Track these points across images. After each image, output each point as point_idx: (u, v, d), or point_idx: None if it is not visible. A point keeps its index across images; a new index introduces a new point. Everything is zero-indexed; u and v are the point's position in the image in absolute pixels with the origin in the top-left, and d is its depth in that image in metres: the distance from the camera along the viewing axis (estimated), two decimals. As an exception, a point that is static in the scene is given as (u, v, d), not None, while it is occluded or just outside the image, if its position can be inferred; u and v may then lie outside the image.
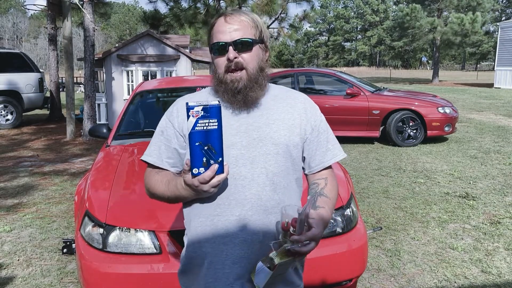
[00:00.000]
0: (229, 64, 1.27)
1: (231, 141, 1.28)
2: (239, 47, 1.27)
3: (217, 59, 1.30)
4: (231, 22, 1.29)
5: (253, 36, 1.30)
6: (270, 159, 1.29)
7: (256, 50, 1.31)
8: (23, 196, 5.05)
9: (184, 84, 4.19)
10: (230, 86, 1.28)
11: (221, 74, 1.30)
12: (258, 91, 1.31)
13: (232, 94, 1.29)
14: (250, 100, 1.30)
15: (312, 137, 1.37)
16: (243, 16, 1.31)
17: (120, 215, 2.26)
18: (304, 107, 1.38)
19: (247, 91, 1.29)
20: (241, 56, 1.28)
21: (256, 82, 1.30)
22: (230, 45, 1.27)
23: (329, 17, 77.71)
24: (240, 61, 1.28)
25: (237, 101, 1.29)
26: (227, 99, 1.30)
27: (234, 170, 1.27)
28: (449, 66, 67.93)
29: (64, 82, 16.13)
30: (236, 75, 1.28)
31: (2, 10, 69.80)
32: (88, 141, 8.65)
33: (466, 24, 24.59)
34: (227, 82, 1.28)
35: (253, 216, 1.26)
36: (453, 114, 7.70)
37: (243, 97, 1.29)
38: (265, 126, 1.31)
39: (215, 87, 1.34)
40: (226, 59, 1.27)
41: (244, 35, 1.28)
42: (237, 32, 1.28)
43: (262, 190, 1.27)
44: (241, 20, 1.29)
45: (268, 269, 1.18)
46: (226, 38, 1.27)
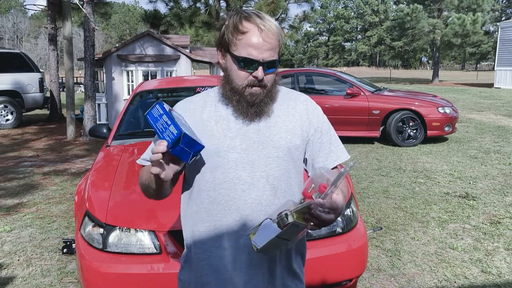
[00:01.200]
0: (254, 82, 1.25)
1: (231, 145, 1.27)
2: (267, 68, 1.25)
3: (240, 72, 1.25)
4: (266, 39, 1.23)
5: (278, 53, 1.28)
6: (270, 162, 1.27)
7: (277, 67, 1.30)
8: (23, 196, 5.05)
9: (184, 84, 4.19)
10: (248, 99, 1.26)
11: (240, 86, 1.26)
12: (271, 104, 1.30)
13: (246, 106, 1.26)
14: (263, 114, 1.29)
15: (315, 139, 1.35)
16: (274, 30, 1.25)
17: (120, 215, 2.27)
18: (305, 108, 1.36)
19: (262, 105, 1.27)
20: (266, 76, 1.26)
21: (271, 97, 1.30)
22: (261, 64, 1.23)
23: (329, 17, 77.69)
24: (266, 82, 1.26)
25: (251, 114, 1.27)
26: (240, 110, 1.27)
27: (233, 174, 1.26)
28: (449, 66, 67.93)
29: (64, 82, 16.14)
30: (256, 90, 1.26)
31: (2, 10, 69.82)
32: (88, 141, 8.65)
33: (467, 25, 24.58)
34: (245, 95, 1.26)
35: (253, 221, 1.25)
36: (453, 114, 7.70)
37: (256, 110, 1.27)
38: (265, 129, 1.29)
39: (226, 94, 1.29)
40: (253, 76, 1.24)
41: (274, 56, 1.25)
42: (269, 52, 1.24)
43: (262, 195, 1.26)
44: (273, 38, 1.24)
45: (276, 226, 1.10)
46: (258, 57, 1.22)
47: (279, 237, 1.10)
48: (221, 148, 1.27)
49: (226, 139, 1.27)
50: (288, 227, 1.08)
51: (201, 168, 1.29)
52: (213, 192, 1.27)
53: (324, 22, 78.04)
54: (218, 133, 1.28)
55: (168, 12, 13.50)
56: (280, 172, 1.28)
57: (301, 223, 1.08)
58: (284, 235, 1.11)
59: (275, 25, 1.27)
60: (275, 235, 1.10)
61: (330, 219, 1.09)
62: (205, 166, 1.28)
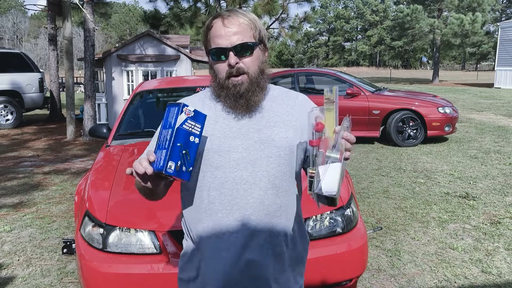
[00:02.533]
0: (230, 70, 1.24)
1: (232, 145, 1.26)
2: (239, 52, 1.24)
3: (217, 65, 1.27)
4: (229, 25, 1.24)
5: (253, 38, 1.26)
6: (272, 162, 1.27)
7: (256, 53, 1.28)
8: (23, 196, 5.05)
9: (184, 84, 4.18)
10: (232, 91, 1.25)
11: (222, 79, 1.27)
12: (260, 94, 1.29)
13: (234, 99, 1.26)
14: (252, 105, 1.28)
15: None
16: (241, 17, 1.26)
17: (120, 215, 2.26)
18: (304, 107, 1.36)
19: (249, 95, 1.26)
20: (242, 61, 1.25)
21: (258, 85, 1.28)
22: (230, 50, 1.23)
23: (329, 17, 77.69)
24: (242, 66, 1.25)
25: (240, 106, 1.27)
26: (229, 104, 1.27)
27: (235, 174, 1.25)
28: (449, 66, 67.92)
29: (64, 82, 16.14)
30: (238, 79, 1.25)
31: (2, 10, 69.82)
32: (88, 141, 8.65)
33: (466, 25, 24.58)
34: (229, 87, 1.26)
35: (256, 221, 1.25)
36: (453, 114, 7.70)
37: (245, 102, 1.26)
38: (266, 128, 1.29)
39: (216, 92, 1.31)
40: (227, 64, 1.24)
41: (244, 39, 1.24)
42: (236, 36, 1.23)
43: (264, 194, 1.26)
44: (240, 23, 1.25)
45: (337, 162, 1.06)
46: (225, 43, 1.23)
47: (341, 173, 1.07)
48: (222, 147, 1.27)
49: (227, 139, 1.27)
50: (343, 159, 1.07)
51: (202, 168, 1.28)
52: (214, 192, 1.26)
53: (324, 22, 78.04)
54: (219, 132, 1.28)
55: (168, 12, 13.49)
56: (281, 172, 1.28)
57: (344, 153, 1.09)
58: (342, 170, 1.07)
59: (243, 13, 1.27)
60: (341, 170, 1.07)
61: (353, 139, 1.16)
62: (206, 166, 1.28)
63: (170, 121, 1.14)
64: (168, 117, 1.16)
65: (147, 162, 1.11)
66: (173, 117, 1.14)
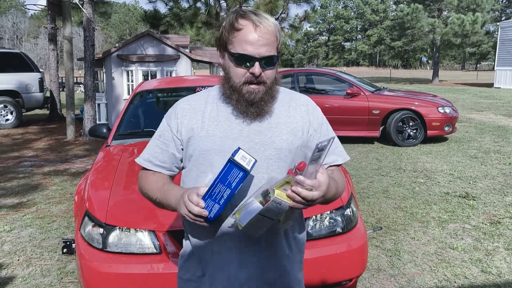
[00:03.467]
0: (252, 78, 1.24)
1: (232, 146, 1.26)
2: (264, 64, 1.24)
3: (237, 69, 1.25)
4: (260, 34, 1.22)
5: (277, 50, 1.26)
6: (272, 164, 1.27)
7: (277, 64, 1.29)
8: (23, 196, 5.05)
9: (184, 84, 4.18)
10: (246, 97, 1.25)
11: (237, 83, 1.25)
12: (271, 103, 1.29)
13: (246, 105, 1.26)
14: (263, 113, 1.28)
15: (314, 139, 1.35)
16: (270, 25, 1.24)
17: (120, 215, 2.26)
18: (306, 110, 1.36)
19: (262, 104, 1.26)
20: (264, 72, 1.25)
21: (271, 95, 1.29)
22: (257, 60, 1.22)
23: (329, 17, 77.69)
24: (263, 77, 1.25)
25: (251, 113, 1.27)
26: (240, 109, 1.27)
27: None
28: (449, 66, 67.93)
29: (64, 82, 16.13)
30: (255, 88, 1.24)
31: (2, 10, 69.79)
32: (88, 141, 8.65)
33: (466, 25, 24.59)
34: (242, 93, 1.25)
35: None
36: (453, 114, 7.70)
37: (256, 110, 1.26)
38: (267, 130, 1.29)
39: (227, 93, 1.29)
40: (250, 72, 1.23)
41: (271, 52, 1.24)
42: (265, 47, 1.22)
43: None
44: (269, 32, 1.23)
45: (258, 204, 1.10)
46: (255, 52, 1.22)
47: (262, 214, 1.10)
48: (223, 148, 1.27)
49: (227, 140, 1.27)
50: (270, 204, 1.07)
51: (203, 169, 1.29)
52: None
53: (324, 22, 78.05)
54: (221, 133, 1.28)
55: (168, 12, 13.49)
56: (281, 174, 1.28)
57: (282, 200, 1.06)
58: (267, 213, 1.10)
59: (272, 22, 1.26)
60: (257, 213, 1.09)
61: (312, 197, 1.07)
62: (207, 166, 1.28)
63: (231, 182, 1.12)
64: (228, 175, 1.12)
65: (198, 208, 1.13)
66: (234, 179, 1.12)
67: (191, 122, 1.32)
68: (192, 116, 1.32)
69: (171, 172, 1.38)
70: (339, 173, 1.35)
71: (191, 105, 1.35)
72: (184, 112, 1.34)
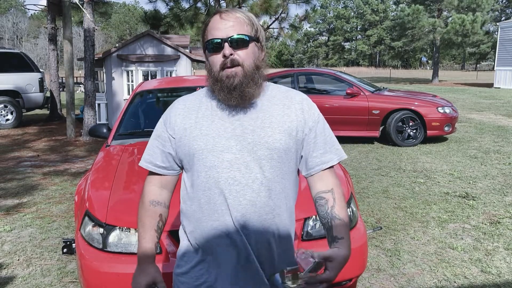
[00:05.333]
0: (225, 61, 1.25)
1: (226, 145, 1.26)
2: (234, 44, 1.25)
3: (212, 57, 1.28)
4: (226, 18, 1.26)
5: (249, 33, 1.27)
6: (265, 164, 1.27)
7: (252, 47, 1.28)
8: (23, 196, 5.05)
9: (184, 84, 4.18)
10: (226, 83, 1.25)
11: (216, 72, 1.27)
12: (254, 88, 1.27)
13: (228, 91, 1.25)
14: (247, 97, 1.27)
15: (309, 138, 1.33)
16: (238, 13, 1.29)
17: (120, 215, 2.27)
18: (301, 108, 1.34)
19: (243, 87, 1.25)
20: (236, 53, 1.25)
21: (252, 79, 1.27)
22: (225, 41, 1.24)
23: (329, 17, 77.69)
24: (236, 58, 1.25)
25: (234, 98, 1.26)
26: (223, 96, 1.27)
27: (228, 175, 1.25)
28: (449, 66, 67.92)
29: (64, 82, 16.14)
30: (232, 70, 1.25)
31: (2, 10, 69.78)
32: (88, 141, 8.65)
33: (466, 25, 24.59)
34: (222, 80, 1.25)
35: (247, 222, 1.25)
36: (453, 114, 7.70)
37: (239, 94, 1.25)
38: (260, 129, 1.28)
39: (211, 87, 1.31)
40: (222, 56, 1.25)
41: (239, 31, 1.25)
42: (232, 28, 1.25)
43: (257, 196, 1.25)
44: (237, 17, 1.27)
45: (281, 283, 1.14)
46: (221, 35, 1.25)
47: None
48: (216, 147, 1.27)
49: (221, 139, 1.27)
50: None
51: (197, 168, 1.29)
52: (208, 192, 1.27)
53: (324, 22, 78.04)
54: (214, 132, 1.28)
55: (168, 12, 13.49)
56: (274, 174, 1.28)
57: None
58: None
59: (242, 11, 1.30)
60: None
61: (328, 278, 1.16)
62: (201, 165, 1.28)
63: None
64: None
65: None
66: None
67: (184, 121, 1.32)
68: (186, 116, 1.33)
69: (173, 171, 1.38)
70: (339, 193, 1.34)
71: (186, 104, 1.36)
72: (178, 111, 1.35)
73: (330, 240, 1.29)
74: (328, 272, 1.16)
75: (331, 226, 1.29)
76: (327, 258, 1.17)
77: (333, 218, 1.29)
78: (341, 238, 1.27)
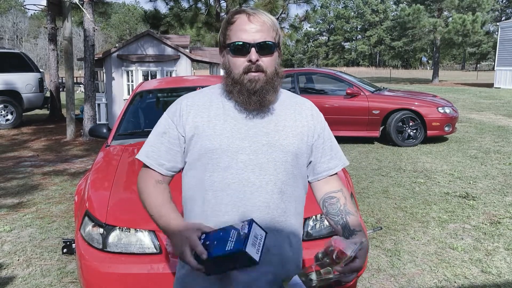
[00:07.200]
0: (250, 65, 1.23)
1: (240, 146, 1.25)
2: (261, 50, 1.24)
3: (235, 59, 1.25)
4: (254, 22, 1.24)
5: (274, 39, 1.27)
6: (279, 166, 1.27)
7: (275, 54, 1.28)
8: (23, 196, 5.05)
9: (184, 84, 4.19)
10: (248, 86, 1.24)
11: (237, 74, 1.25)
12: (273, 94, 1.28)
13: (248, 95, 1.24)
14: (266, 103, 1.26)
15: (318, 144, 1.35)
16: (265, 17, 1.26)
17: (120, 215, 2.26)
18: (311, 114, 1.36)
19: (263, 93, 1.25)
20: (261, 59, 1.24)
21: (273, 86, 1.27)
22: (253, 46, 1.23)
23: (329, 17, 77.69)
24: (261, 65, 1.24)
25: (253, 103, 1.25)
26: (242, 100, 1.25)
27: (242, 176, 1.24)
28: (449, 66, 67.92)
29: (64, 82, 16.13)
30: (255, 75, 1.24)
31: (2, 10, 69.78)
32: (88, 141, 8.65)
33: (467, 25, 24.60)
34: (244, 83, 1.24)
35: (261, 224, 1.23)
36: (453, 114, 7.70)
37: (259, 99, 1.25)
38: (274, 132, 1.28)
39: (229, 87, 1.28)
40: (247, 60, 1.23)
41: (267, 38, 1.24)
42: (260, 34, 1.23)
43: (270, 198, 1.25)
44: (264, 21, 1.25)
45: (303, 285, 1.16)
46: (249, 39, 1.23)
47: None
48: (231, 148, 1.25)
49: (235, 140, 1.26)
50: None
51: (208, 168, 1.26)
52: (220, 193, 1.25)
53: (324, 22, 78.04)
54: (228, 132, 1.26)
55: (168, 12, 13.49)
56: (287, 177, 1.28)
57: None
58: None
59: (268, 15, 1.28)
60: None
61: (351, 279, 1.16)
62: (214, 165, 1.26)
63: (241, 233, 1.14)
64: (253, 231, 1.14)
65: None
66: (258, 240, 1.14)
67: (196, 119, 1.29)
68: (197, 113, 1.30)
69: (171, 172, 1.35)
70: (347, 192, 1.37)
71: (195, 102, 1.33)
72: (189, 108, 1.31)
73: (348, 234, 1.28)
74: (358, 260, 1.15)
75: (346, 221, 1.30)
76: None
77: (347, 214, 1.31)
78: (360, 230, 1.27)
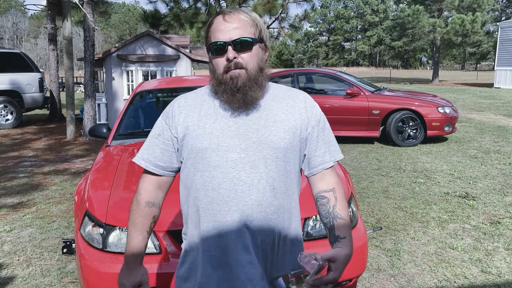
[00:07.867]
0: (228, 64, 1.24)
1: (230, 144, 1.25)
2: (238, 47, 1.24)
3: (215, 59, 1.27)
4: (230, 20, 1.25)
5: (253, 35, 1.26)
6: (270, 163, 1.26)
7: (255, 49, 1.27)
8: (23, 196, 5.05)
9: (184, 84, 4.18)
10: (230, 85, 1.24)
11: (220, 74, 1.26)
12: (257, 91, 1.27)
13: (231, 92, 1.25)
14: (249, 100, 1.26)
15: (312, 137, 1.34)
16: (242, 14, 1.27)
17: (120, 215, 2.26)
18: (304, 106, 1.34)
19: (246, 89, 1.25)
20: (240, 56, 1.24)
21: (256, 82, 1.27)
22: (229, 44, 1.23)
23: (329, 17, 77.69)
24: (240, 62, 1.24)
25: (237, 100, 1.25)
26: (226, 98, 1.26)
27: (233, 175, 1.24)
28: (449, 66, 67.91)
29: (64, 82, 16.14)
30: (235, 72, 1.24)
31: (2, 10, 69.77)
32: (88, 141, 8.65)
33: (467, 25, 24.61)
34: (226, 82, 1.25)
35: (253, 222, 1.24)
36: (453, 114, 7.70)
37: (242, 96, 1.25)
38: (264, 128, 1.27)
39: (214, 88, 1.30)
40: (225, 59, 1.24)
41: (243, 34, 1.24)
42: (236, 31, 1.24)
43: (262, 196, 1.25)
44: (240, 19, 1.26)
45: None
46: (224, 38, 1.24)
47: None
48: (221, 147, 1.25)
49: (225, 138, 1.26)
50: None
51: (199, 167, 1.27)
52: (211, 192, 1.25)
53: (324, 22, 78.04)
54: (217, 131, 1.27)
55: (168, 12, 13.48)
56: (279, 173, 1.27)
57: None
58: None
59: (245, 12, 1.29)
60: None
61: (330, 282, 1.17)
62: (204, 165, 1.26)
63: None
64: None
65: None
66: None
67: (187, 119, 1.31)
68: (188, 114, 1.32)
69: (169, 172, 1.36)
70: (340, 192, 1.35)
71: (187, 102, 1.35)
72: (180, 109, 1.33)
73: (332, 240, 1.28)
74: (332, 273, 1.17)
75: (333, 225, 1.29)
76: (330, 259, 1.18)
77: (335, 217, 1.30)
78: (344, 237, 1.27)
